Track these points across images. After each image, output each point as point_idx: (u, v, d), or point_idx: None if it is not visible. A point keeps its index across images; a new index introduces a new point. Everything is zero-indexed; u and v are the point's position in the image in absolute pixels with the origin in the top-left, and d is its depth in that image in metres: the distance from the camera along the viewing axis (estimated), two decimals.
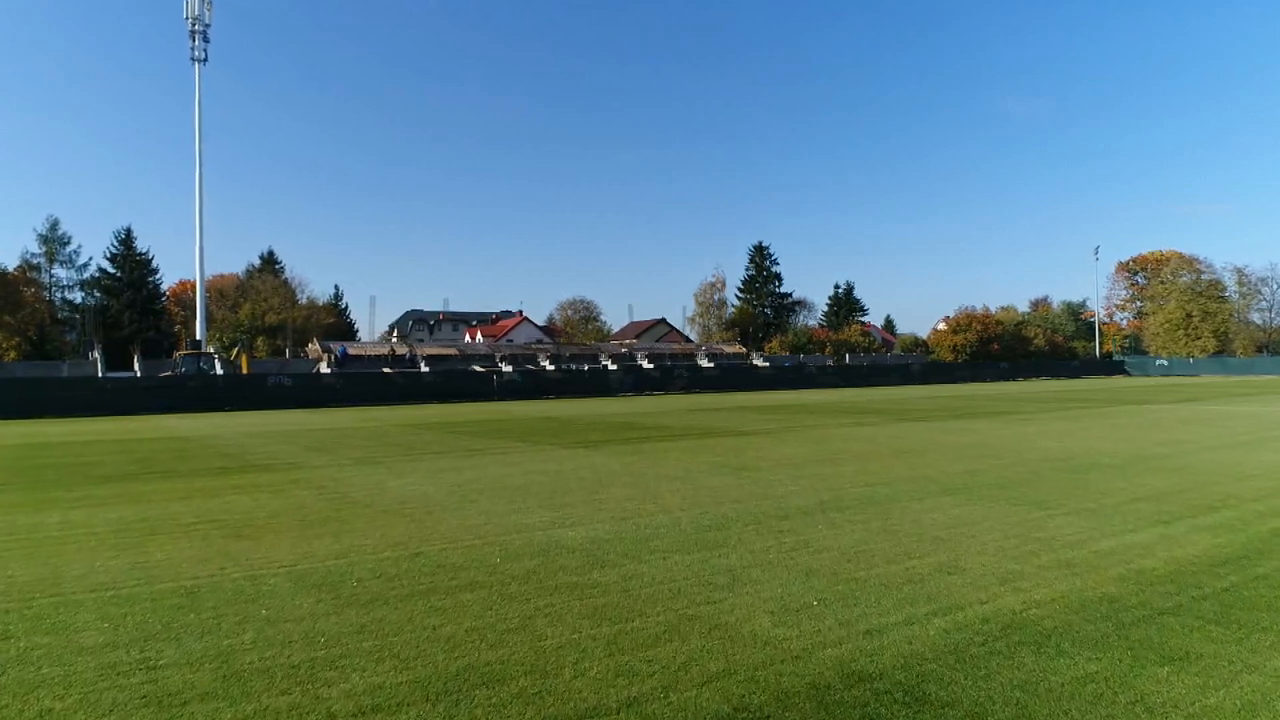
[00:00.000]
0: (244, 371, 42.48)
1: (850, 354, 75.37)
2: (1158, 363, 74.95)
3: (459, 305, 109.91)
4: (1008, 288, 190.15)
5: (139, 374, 41.92)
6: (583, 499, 9.48)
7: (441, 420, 25.09)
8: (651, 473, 11.80)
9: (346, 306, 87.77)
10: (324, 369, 46.27)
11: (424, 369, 46.65)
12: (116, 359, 54.52)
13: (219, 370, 42.29)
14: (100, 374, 42.57)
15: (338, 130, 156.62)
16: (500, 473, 12.11)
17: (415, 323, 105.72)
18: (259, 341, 63.81)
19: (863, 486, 10.07)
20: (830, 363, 65.00)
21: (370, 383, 40.58)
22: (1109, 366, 75.58)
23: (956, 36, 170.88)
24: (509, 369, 47.18)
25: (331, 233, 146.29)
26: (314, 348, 53.06)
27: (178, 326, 69.62)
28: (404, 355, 51.14)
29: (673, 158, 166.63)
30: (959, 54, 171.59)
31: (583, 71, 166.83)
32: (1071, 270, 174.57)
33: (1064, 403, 29.14)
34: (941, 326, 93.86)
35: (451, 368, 48.46)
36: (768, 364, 58.99)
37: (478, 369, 46.61)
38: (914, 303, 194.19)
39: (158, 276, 70.48)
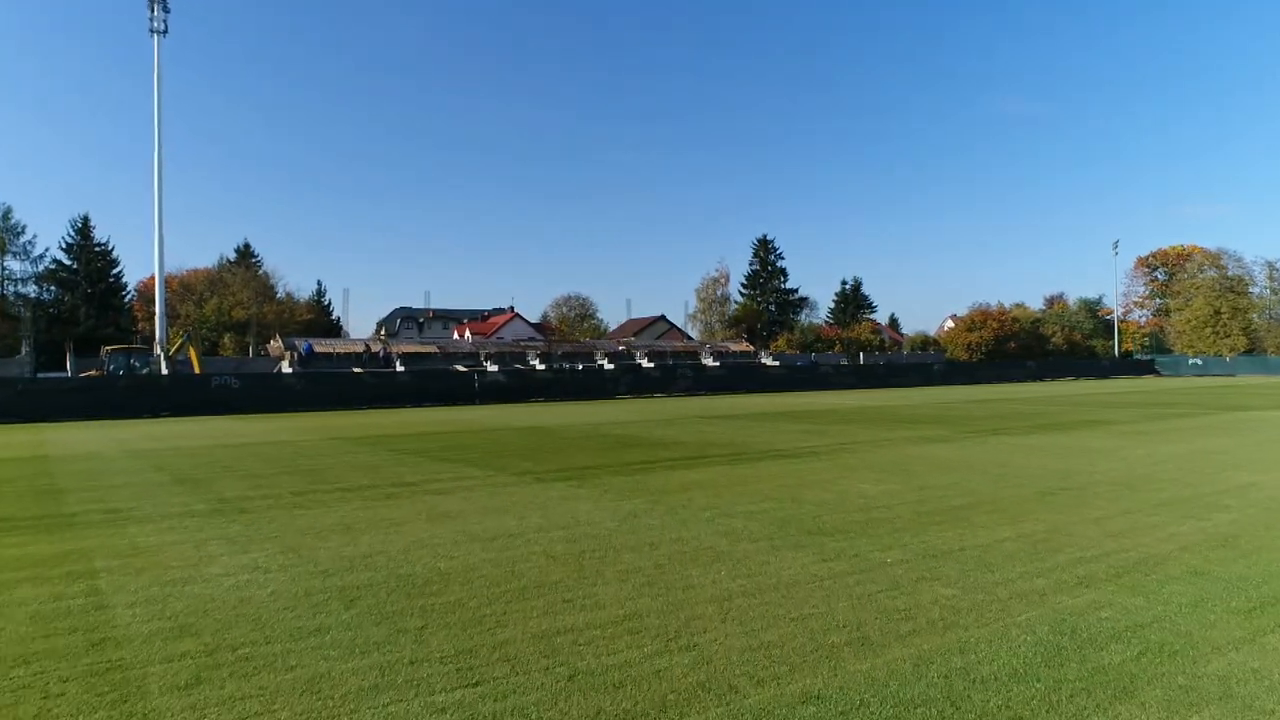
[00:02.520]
0: (195, 370, 37.49)
1: (863, 352, 70.71)
2: (1190, 362, 70.12)
3: (453, 304, 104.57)
4: (1012, 286, 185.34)
5: (70, 374, 36.99)
6: (538, 631, 4.69)
7: (396, 431, 20.27)
8: (669, 539, 7.03)
9: (330, 303, 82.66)
10: (286, 368, 41.36)
11: (399, 368, 41.79)
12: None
13: (164, 369, 37.37)
14: (30, 374, 37.63)
15: (330, 133, 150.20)
16: (417, 539, 7.31)
17: (404, 320, 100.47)
18: (225, 338, 58.73)
19: (1075, 585, 5.32)
20: (845, 362, 60.30)
21: (335, 384, 35.61)
22: (1139, 366, 70.72)
23: (957, 39, 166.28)
24: (494, 368, 42.33)
25: (328, 235, 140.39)
26: (275, 344, 48.01)
27: (141, 323, 64.58)
28: (379, 353, 46.23)
29: (673, 157, 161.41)
30: (958, 56, 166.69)
31: (583, 73, 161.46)
32: (1078, 268, 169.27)
33: (1147, 408, 24.39)
34: (950, 324, 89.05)
35: (430, 367, 43.58)
36: (778, 363, 54.16)
37: (459, 368, 41.72)
38: (916, 301, 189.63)
39: (119, 270, 65.50)
